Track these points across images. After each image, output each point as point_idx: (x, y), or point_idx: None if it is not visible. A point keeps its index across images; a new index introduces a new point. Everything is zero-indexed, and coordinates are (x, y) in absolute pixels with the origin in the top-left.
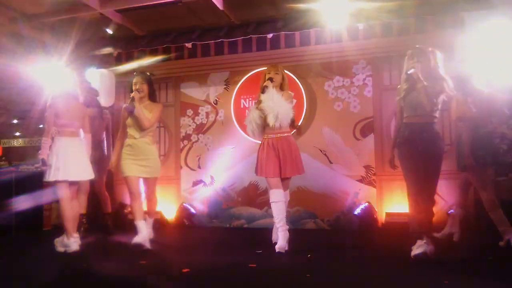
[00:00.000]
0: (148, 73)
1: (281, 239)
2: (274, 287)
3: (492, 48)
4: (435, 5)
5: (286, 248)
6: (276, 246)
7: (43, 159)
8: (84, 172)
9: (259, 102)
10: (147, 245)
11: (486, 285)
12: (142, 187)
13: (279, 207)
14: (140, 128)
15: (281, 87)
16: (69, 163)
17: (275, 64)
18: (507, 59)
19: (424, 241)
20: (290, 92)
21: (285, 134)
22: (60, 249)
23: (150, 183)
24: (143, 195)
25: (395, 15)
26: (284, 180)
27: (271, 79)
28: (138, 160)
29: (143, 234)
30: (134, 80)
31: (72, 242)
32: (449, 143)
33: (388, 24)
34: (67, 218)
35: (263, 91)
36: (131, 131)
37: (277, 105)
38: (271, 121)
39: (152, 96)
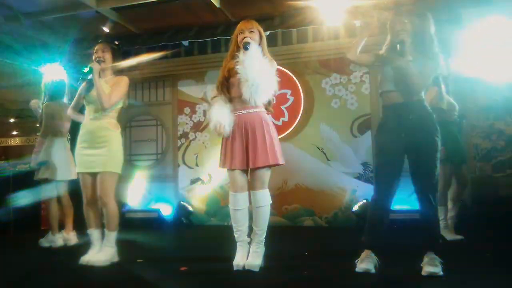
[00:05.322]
0: (116, 42)
1: (240, 255)
2: (272, 285)
3: (490, 45)
4: (432, 1)
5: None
6: (246, 263)
7: (35, 158)
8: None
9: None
10: (98, 263)
11: (485, 282)
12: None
13: (239, 217)
14: (100, 108)
15: None
16: (61, 162)
17: (248, 20)
18: (504, 56)
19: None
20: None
21: (258, 110)
22: (46, 244)
23: (101, 179)
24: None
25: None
26: (255, 172)
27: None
28: (89, 148)
29: (95, 248)
30: (96, 47)
31: (57, 237)
32: None
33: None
34: (53, 216)
35: (245, 49)
36: (87, 109)
37: (259, 72)
38: (246, 92)
39: (116, 70)
